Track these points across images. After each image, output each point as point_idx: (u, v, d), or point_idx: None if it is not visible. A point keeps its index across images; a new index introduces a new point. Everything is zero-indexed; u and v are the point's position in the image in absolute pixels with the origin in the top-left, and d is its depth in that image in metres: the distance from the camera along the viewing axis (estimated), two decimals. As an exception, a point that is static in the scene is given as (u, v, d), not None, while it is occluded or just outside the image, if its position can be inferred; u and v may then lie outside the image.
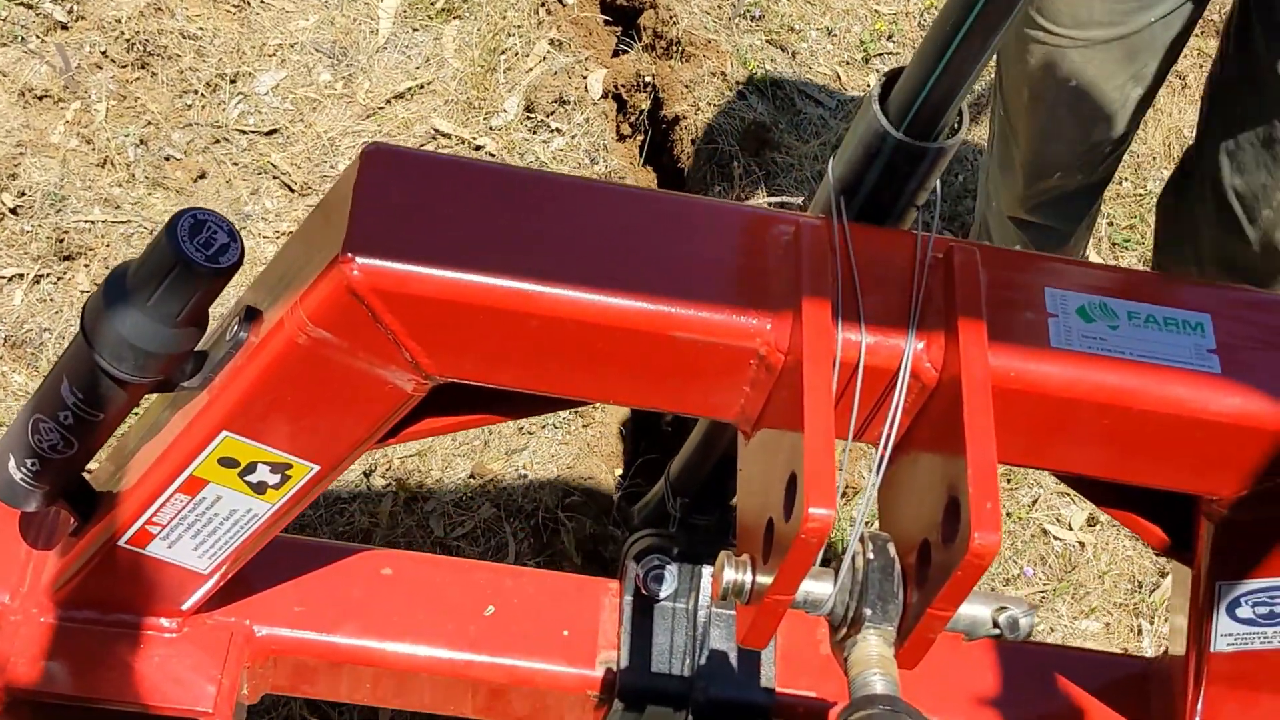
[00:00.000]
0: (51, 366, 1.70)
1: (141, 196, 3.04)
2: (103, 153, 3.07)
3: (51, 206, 2.96)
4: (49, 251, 2.92)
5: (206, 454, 1.68)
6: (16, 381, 2.78)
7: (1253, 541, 1.68)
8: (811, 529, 1.32)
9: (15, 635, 1.91)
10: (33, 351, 2.82)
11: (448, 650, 2.05)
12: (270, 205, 3.13)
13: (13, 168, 3.00)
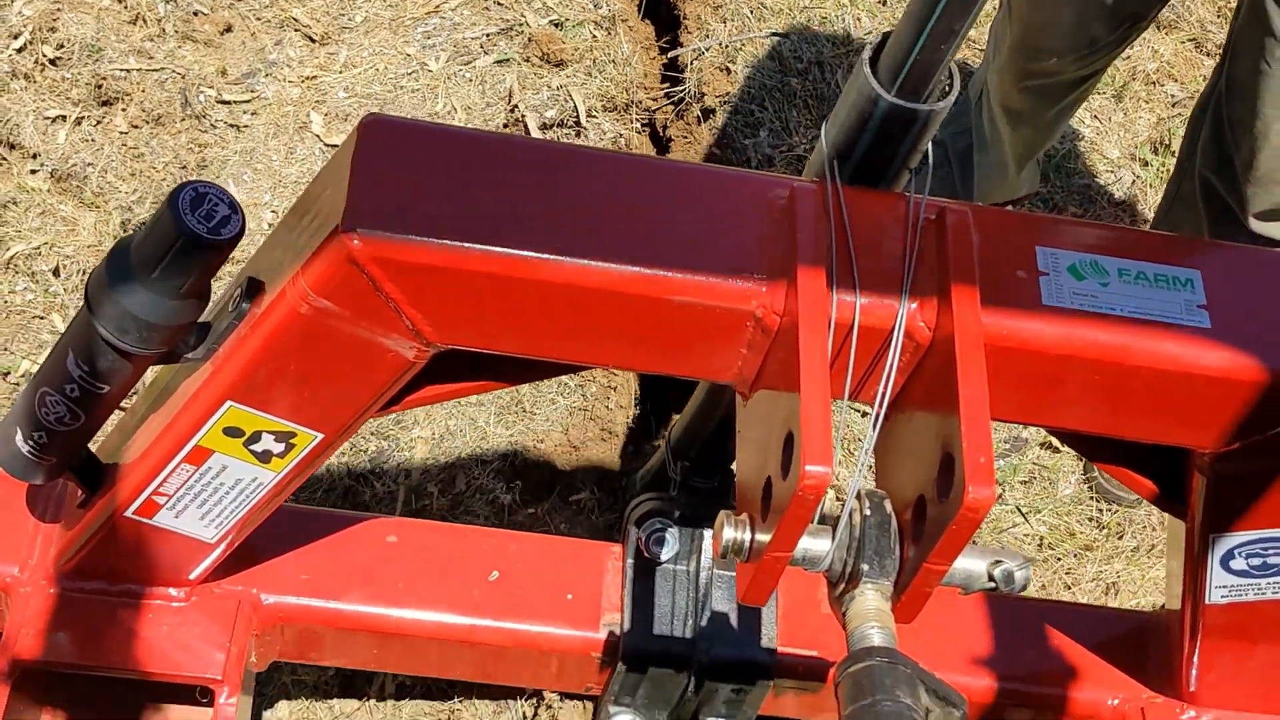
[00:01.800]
0: (56, 341, 1.72)
1: (172, 49, 3.19)
2: (134, 10, 3.22)
3: (89, 56, 3.12)
4: (88, 96, 3.08)
5: (211, 424, 1.70)
6: (64, 210, 2.93)
7: (1245, 493, 1.70)
8: (808, 486, 1.35)
9: (25, 607, 1.93)
10: (77, 184, 2.97)
11: (453, 615, 2.08)
12: (293, 54, 3.28)
13: (51, 22, 3.15)
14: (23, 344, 2.76)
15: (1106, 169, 3.40)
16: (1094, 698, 2.11)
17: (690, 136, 3.30)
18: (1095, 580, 2.76)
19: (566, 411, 2.72)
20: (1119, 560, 2.79)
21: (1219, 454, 1.65)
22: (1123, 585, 2.75)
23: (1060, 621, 2.18)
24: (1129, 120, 3.47)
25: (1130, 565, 2.78)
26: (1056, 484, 2.87)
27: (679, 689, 2.13)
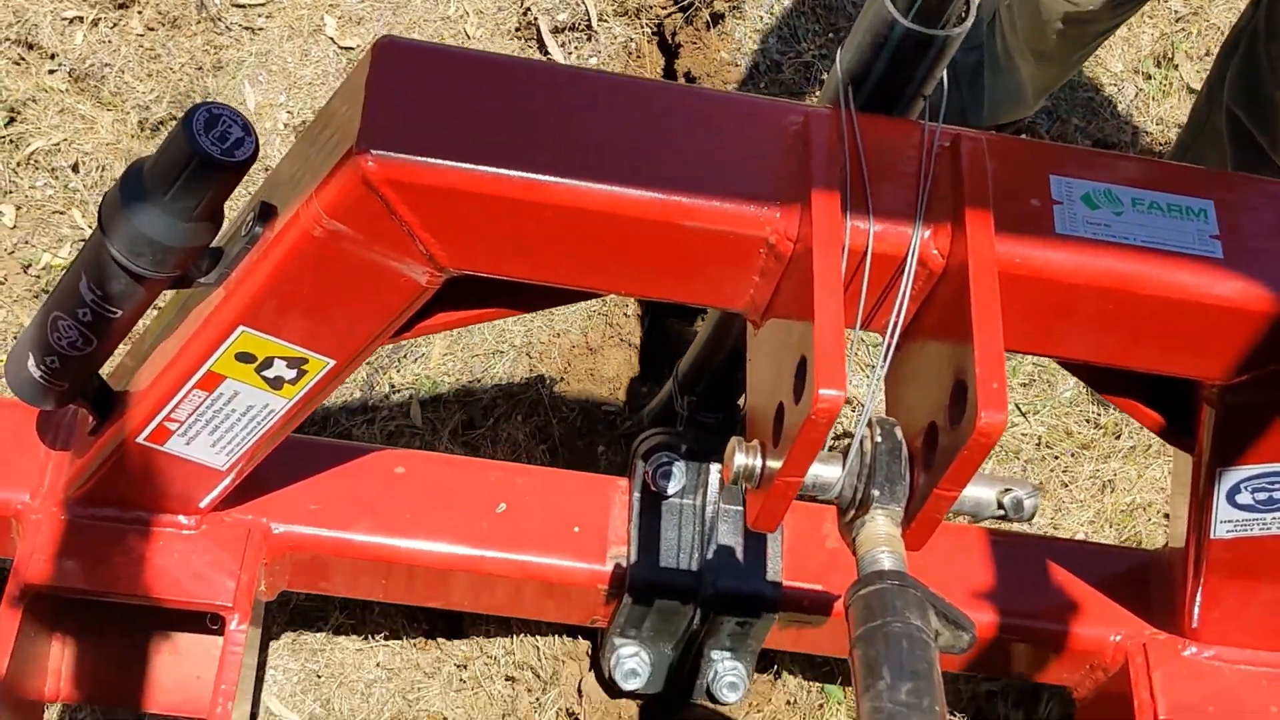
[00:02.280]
0: (68, 265, 1.72)
1: (185, -41, 3.20)
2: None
3: (104, -39, 3.14)
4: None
5: (223, 349, 1.70)
6: (82, 109, 2.94)
7: (1253, 426, 1.71)
8: (821, 409, 1.35)
9: (36, 533, 1.94)
10: (95, 84, 2.97)
11: (460, 546, 2.09)
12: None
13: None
14: (43, 238, 2.76)
15: (1110, 82, 3.39)
16: (1096, 634, 2.13)
17: (699, 42, 3.27)
18: (1092, 478, 2.77)
19: (585, 315, 2.73)
20: (1115, 459, 2.80)
21: (1228, 386, 1.65)
22: (1119, 483, 2.77)
23: (1063, 558, 2.20)
24: (1133, 35, 3.45)
25: (1127, 464, 2.79)
26: (1055, 385, 2.88)
27: (684, 621, 2.15)
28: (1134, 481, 2.78)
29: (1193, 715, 2.03)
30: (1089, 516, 2.75)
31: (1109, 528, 2.75)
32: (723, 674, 2.20)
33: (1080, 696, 2.20)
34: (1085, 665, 2.15)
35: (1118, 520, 2.75)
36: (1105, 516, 2.76)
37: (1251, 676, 2.07)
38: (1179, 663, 2.08)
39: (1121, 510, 2.75)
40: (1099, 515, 2.75)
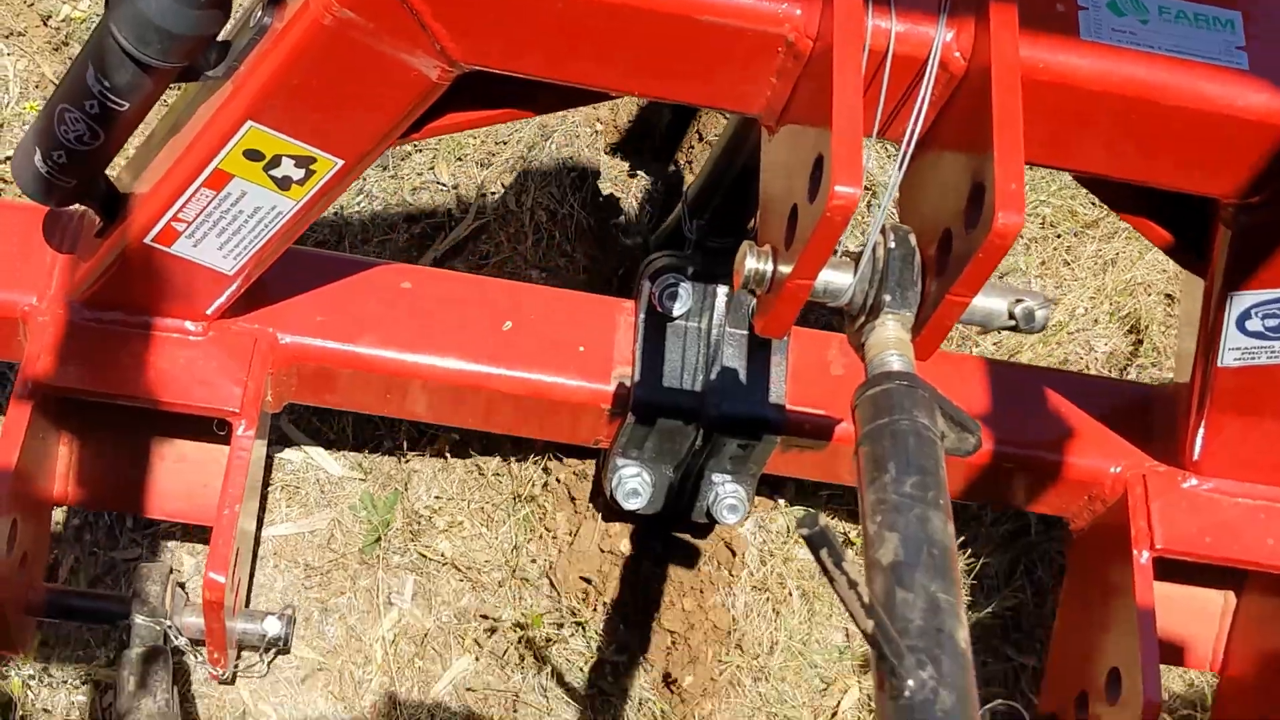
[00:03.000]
0: (75, 57, 1.69)
1: None
2: None
3: None
4: None
5: (231, 146, 1.69)
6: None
7: (1268, 249, 1.70)
8: (837, 207, 1.34)
9: (43, 335, 1.94)
10: None
11: (465, 362, 2.09)
12: None
13: None
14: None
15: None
16: (1096, 464, 2.14)
17: None
18: (1095, 258, 2.79)
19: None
20: (1119, 239, 2.81)
21: (1244, 205, 1.64)
22: (1120, 261, 2.78)
23: (1065, 390, 2.20)
24: None
25: (1130, 243, 2.80)
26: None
27: (686, 442, 2.16)
28: (1135, 260, 2.79)
29: (1190, 545, 2.05)
30: (1089, 293, 2.75)
31: (1108, 304, 2.77)
32: (723, 496, 2.21)
33: (1077, 528, 2.22)
34: (1084, 496, 2.17)
35: (1117, 298, 2.76)
36: (1105, 293, 2.78)
37: (1250, 509, 2.09)
38: (1178, 494, 2.09)
39: (1121, 288, 2.77)
40: (1099, 292, 2.76)
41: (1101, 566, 2.12)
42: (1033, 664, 2.48)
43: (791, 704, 2.39)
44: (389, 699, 2.30)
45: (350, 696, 2.29)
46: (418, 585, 2.39)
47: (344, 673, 2.30)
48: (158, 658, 1.93)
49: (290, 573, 2.36)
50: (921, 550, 1.21)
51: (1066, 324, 2.74)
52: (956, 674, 1.13)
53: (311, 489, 2.41)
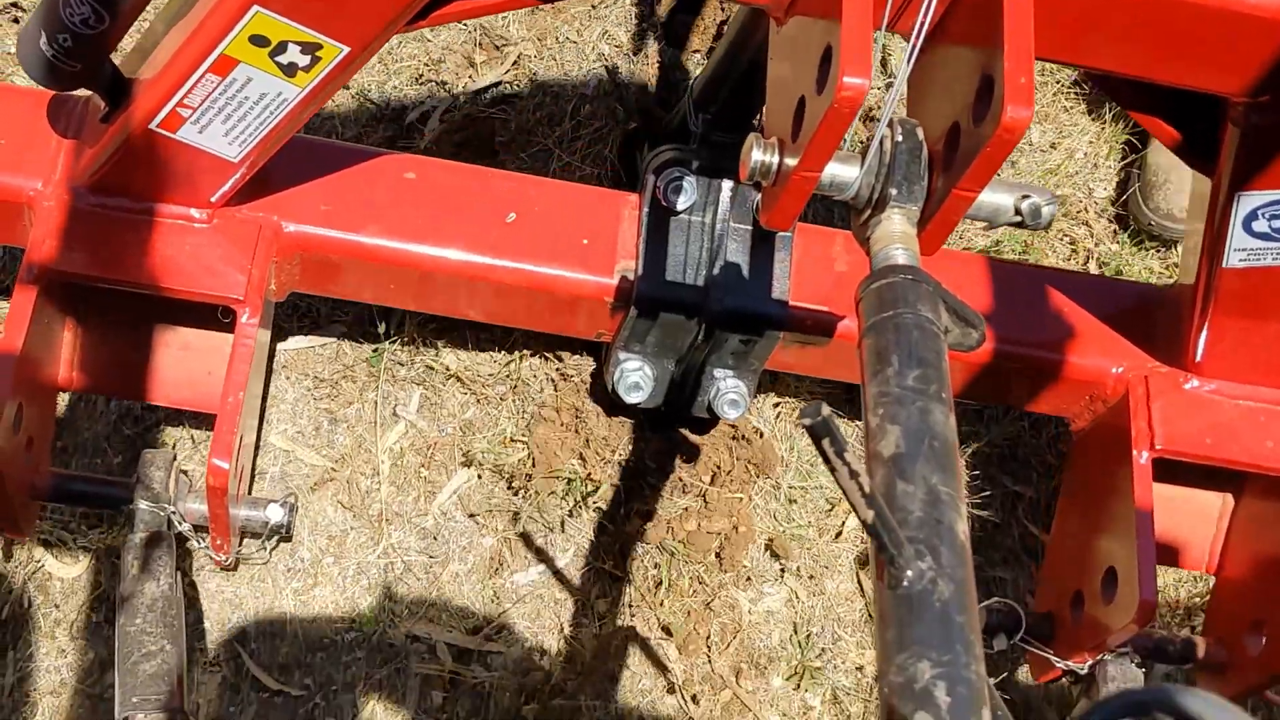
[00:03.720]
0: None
1: None
2: None
3: None
4: None
5: (238, 30, 1.68)
6: None
7: (1277, 149, 1.70)
8: (845, 98, 1.34)
9: (48, 219, 1.94)
10: None
11: (469, 253, 2.09)
12: None
13: None
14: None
15: None
16: (1098, 365, 2.15)
17: None
18: (1096, 101, 2.82)
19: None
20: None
21: (1254, 104, 1.63)
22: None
23: (1069, 290, 2.20)
24: None
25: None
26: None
27: (689, 337, 2.16)
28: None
29: (1190, 445, 2.06)
30: (1088, 138, 2.77)
31: (1107, 147, 2.80)
32: (724, 391, 2.22)
33: (1078, 428, 2.23)
34: (1085, 396, 2.18)
35: (1118, 143, 2.79)
36: (1104, 138, 2.80)
37: (1250, 411, 2.10)
38: (1179, 395, 2.10)
39: (1121, 135, 2.79)
40: (1098, 137, 2.78)
41: (1101, 467, 2.14)
42: (1029, 494, 2.53)
43: (798, 523, 2.44)
44: (395, 509, 2.37)
45: (358, 506, 2.35)
46: (423, 399, 2.43)
47: (352, 482, 2.37)
48: (161, 543, 1.95)
49: (300, 384, 2.42)
50: (923, 442, 1.22)
51: (1065, 165, 2.74)
52: (955, 565, 1.15)
53: (321, 304, 2.45)
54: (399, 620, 2.31)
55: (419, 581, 2.34)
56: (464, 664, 2.29)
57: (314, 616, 2.30)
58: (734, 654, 2.35)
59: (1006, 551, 2.51)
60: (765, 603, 2.41)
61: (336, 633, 2.29)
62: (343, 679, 2.26)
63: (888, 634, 1.11)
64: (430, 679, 2.28)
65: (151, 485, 1.97)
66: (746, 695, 2.33)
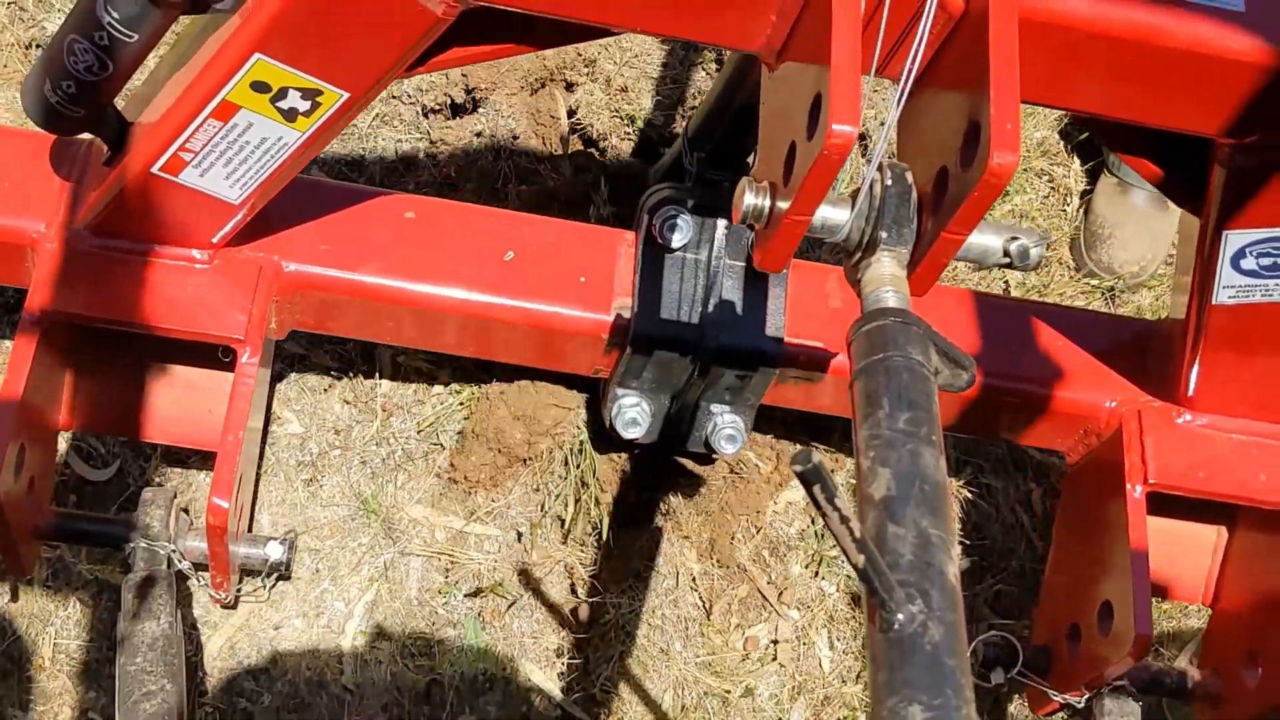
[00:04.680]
0: (82, -13, 1.70)
1: None
2: None
3: None
4: None
5: (239, 77, 1.70)
6: None
7: (1262, 187, 1.72)
8: (834, 145, 1.36)
9: (51, 261, 1.96)
10: None
11: (468, 291, 2.11)
12: None
13: None
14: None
15: None
16: (1091, 398, 2.17)
17: None
18: None
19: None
20: None
21: (1239, 145, 1.66)
22: None
23: (1062, 324, 2.22)
24: None
25: None
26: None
27: (685, 373, 2.18)
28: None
29: (1183, 479, 2.08)
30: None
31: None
32: (721, 426, 2.24)
33: (1073, 462, 2.25)
34: (1079, 430, 2.20)
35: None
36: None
37: (1243, 445, 2.12)
38: (1172, 429, 2.12)
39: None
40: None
41: (1095, 500, 2.15)
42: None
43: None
44: (396, 402, 2.47)
45: (363, 401, 2.47)
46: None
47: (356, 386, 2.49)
48: (160, 582, 1.97)
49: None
50: (913, 485, 1.23)
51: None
52: (946, 608, 1.16)
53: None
54: (401, 506, 2.43)
55: (418, 467, 2.46)
56: (460, 547, 2.41)
57: (323, 505, 2.43)
58: (755, 546, 2.46)
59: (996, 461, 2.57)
60: (786, 495, 2.50)
61: (342, 520, 2.40)
62: (348, 562, 2.37)
63: (879, 677, 1.13)
64: (431, 560, 2.39)
65: (151, 524, 1.99)
66: (766, 586, 2.42)
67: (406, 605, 2.38)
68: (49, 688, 2.22)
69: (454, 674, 2.33)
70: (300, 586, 2.36)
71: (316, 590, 2.36)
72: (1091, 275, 2.84)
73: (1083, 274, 2.85)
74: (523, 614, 2.40)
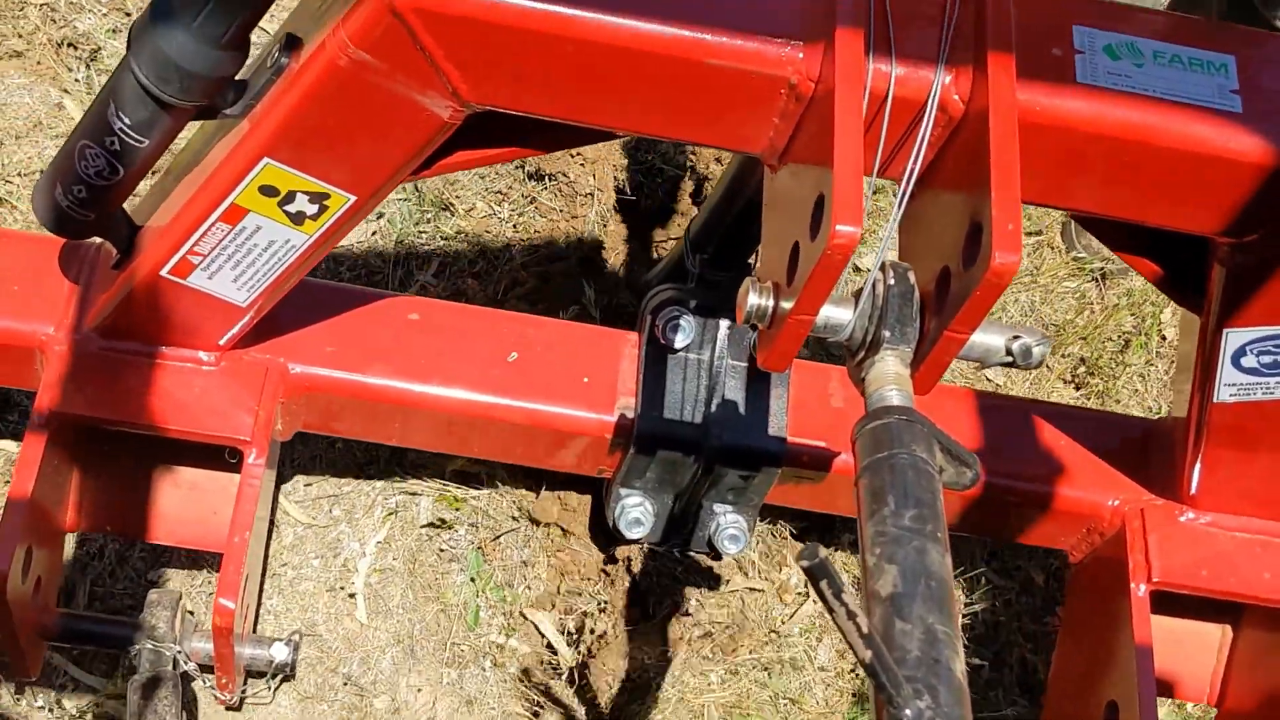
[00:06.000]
0: (96, 95, 1.73)
1: None
2: None
3: None
4: None
5: (248, 182, 1.73)
6: None
7: (1262, 286, 1.73)
8: (838, 245, 1.37)
9: (59, 363, 1.97)
10: None
11: (472, 392, 2.12)
12: None
13: None
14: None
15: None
16: (1094, 498, 2.17)
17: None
18: None
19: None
20: None
21: (1239, 244, 1.67)
22: None
23: (1062, 424, 2.23)
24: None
25: None
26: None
27: (688, 473, 2.19)
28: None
29: (1187, 578, 2.08)
30: None
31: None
32: (724, 526, 2.24)
33: (1076, 560, 2.25)
34: (1082, 529, 2.20)
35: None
36: None
37: (1246, 543, 2.11)
38: (1175, 528, 2.12)
39: None
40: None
41: (1099, 599, 2.15)
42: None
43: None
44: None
45: None
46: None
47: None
48: (166, 683, 1.96)
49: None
50: (919, 582, 1.24)
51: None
52: (953, 705, 1.16)
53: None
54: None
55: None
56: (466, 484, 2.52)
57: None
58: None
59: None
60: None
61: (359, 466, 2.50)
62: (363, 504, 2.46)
63: (888, 773, 1.13)
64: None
65: (157, 625, 1.98)
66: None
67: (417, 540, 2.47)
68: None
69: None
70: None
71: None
72: (1081, 258, 2.85)
73: (1071, 256, 2.86)
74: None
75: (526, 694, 2.41)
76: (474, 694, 2.40)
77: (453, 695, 2.39)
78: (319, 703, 2.34)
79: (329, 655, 2.38)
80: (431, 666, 2.41)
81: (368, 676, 2.38)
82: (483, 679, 2.41)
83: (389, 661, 2.39)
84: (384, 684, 2.38)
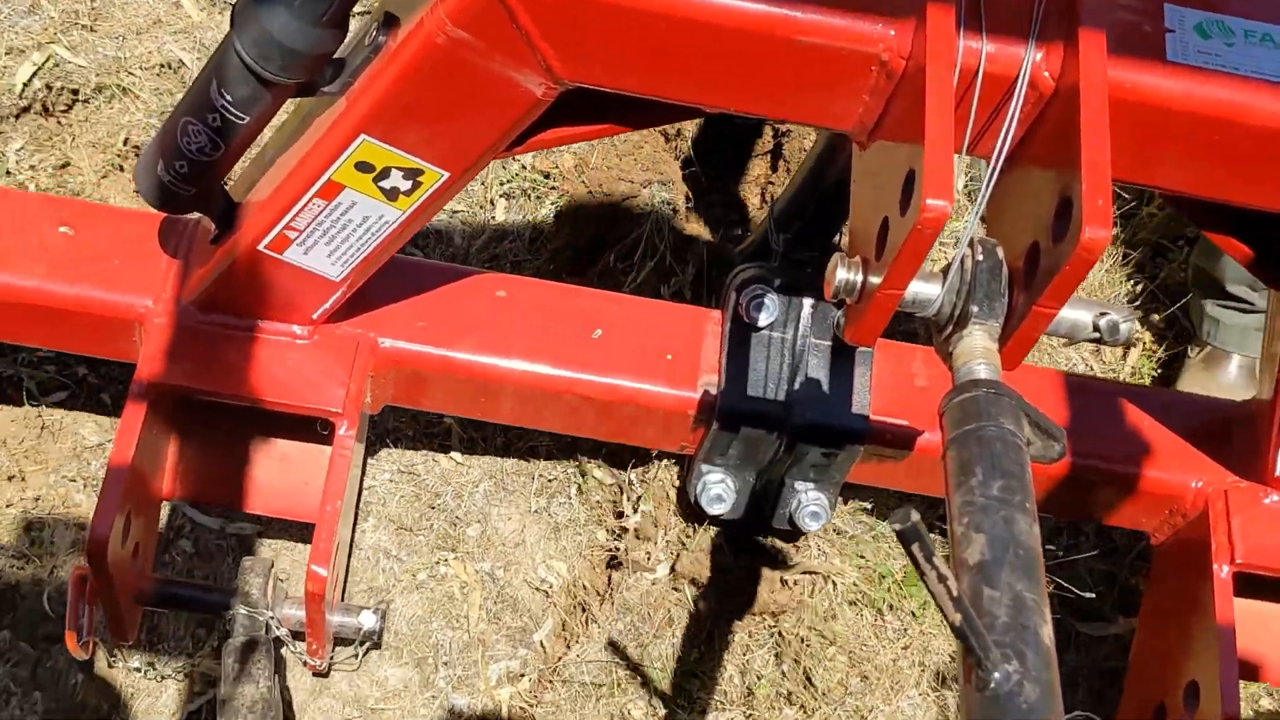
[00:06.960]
0: (199, 72, 1.78)
1: None
2: None
3: None
4: None
5: (344, 158, 1.77)
6: None
7: (1349, 266, 1.74)
8: (928, 219, 1.39)
9: (158, 336, 2.03)
10: None
11: (557, 368, 2.15)
12: None
13: None
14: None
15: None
16: (1178, 479, 2.17)
17: None
18: None
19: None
20: None
21: (1330, 222, 1.67)
22: None
23: (1148, 405, 2.23)
24: None
25: None
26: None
27: (770, 450, 2.21)
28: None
29: (1271, 559, 2.08)
30: None
31: None
32: (806, 503, 2.26)
33: (1158, 542, 2.25)
34: (1165, 510, 2.20)
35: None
36: None
37: (1330, 526, 2.11)
38: (1259, 509, 2.12)
39: None
40: None
41: (1182, 580, 2.15)
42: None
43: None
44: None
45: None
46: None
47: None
48: (259, 647, 2.01)
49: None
50: (1008, 550, 1.25)
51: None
52: (1041, 669, 1.17)
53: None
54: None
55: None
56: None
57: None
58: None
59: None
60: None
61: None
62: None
63: (975, 735, 1.14)
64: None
65: (250, 592, 2.03)
66: None
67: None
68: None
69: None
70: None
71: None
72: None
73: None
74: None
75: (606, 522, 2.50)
76: (562, 521, 2.50)
77: (541, 523, 2.50)
78: (414, 535, 2.46)
79: (425, 491, 2.50)
80: (521, 497, 2.51)
81: (461, 508, 2.49)
82: (570, 507, 2.52)
83: (481, 493, 2.50)
84: (476, 514, 2.49)
